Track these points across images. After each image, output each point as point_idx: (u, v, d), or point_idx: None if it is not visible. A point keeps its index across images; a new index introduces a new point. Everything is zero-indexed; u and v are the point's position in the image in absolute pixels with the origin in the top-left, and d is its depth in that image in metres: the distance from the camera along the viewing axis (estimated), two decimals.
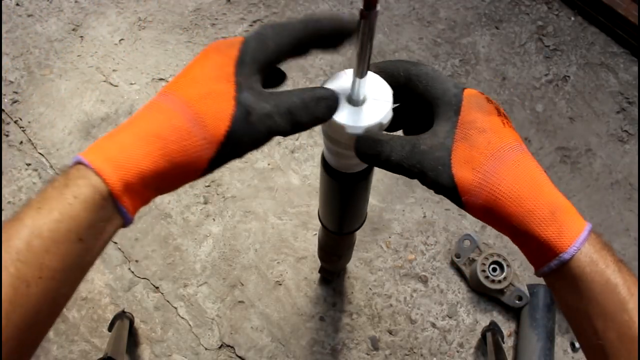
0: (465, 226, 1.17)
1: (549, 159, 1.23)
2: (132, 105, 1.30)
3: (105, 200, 0.32)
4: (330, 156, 0.51)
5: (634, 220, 1.17)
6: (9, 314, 0.28)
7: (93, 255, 0.33)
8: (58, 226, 0.30)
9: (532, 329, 1.02)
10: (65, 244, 0.30)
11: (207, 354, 1.07)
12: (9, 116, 1.29)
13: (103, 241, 0.33)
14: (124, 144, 0.33)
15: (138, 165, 0.32)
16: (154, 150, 0.33)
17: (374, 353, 1.07)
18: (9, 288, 0.28)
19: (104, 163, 0.32)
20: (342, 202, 0.61)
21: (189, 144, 0.33)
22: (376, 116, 0.40)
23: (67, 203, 0.30)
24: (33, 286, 0.29)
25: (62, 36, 1.39)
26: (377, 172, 1.21)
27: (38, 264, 0.29)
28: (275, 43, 0.36)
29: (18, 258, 0.29)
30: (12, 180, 1.22)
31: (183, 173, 0.35)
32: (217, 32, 1.39)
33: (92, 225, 0.31)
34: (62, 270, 0.30)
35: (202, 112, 0.34)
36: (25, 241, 0.29)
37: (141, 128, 0.33)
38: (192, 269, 1.13)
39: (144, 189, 0.33)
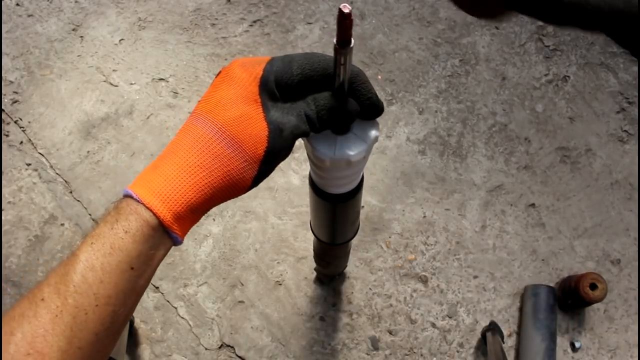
0: (465, 226, 1.17)
1: (549, 159, 1.23)
2: (132, 105, 1.30)
3: (154, 231, 0.35)
4: (319, 180, 0.52)
5: (634, 220, 1.17)
6: (71, 339, 0.32)
7: (146, 278, 0.36)
8: (109, 259, 0.33)
9: (536, 329, 1.02)
10: (117, 273, 0.33)
11: (207, 354, 1.07)
12: (9, 116, 1.29)
13: (154, 265, 0.37)
14: (169, 177, 0.35)
15: (185, 196, 0.35)
16: (199, 180, 0.35)
17: (374, 353, 1.07)
18: (69, 317, 0.32)
19: (153, 197, 0.34)
20: (333, 220, 0.61)
21: (231, 169, 0.36)
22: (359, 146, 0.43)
23: (119, 237, 0.34)
24: (90, 313, 0.33)
25: (62, 36, 1.39)
26: (377, 172, 1.22)
27: (93, 294, 0.33)
28: (300, 67, 0.38)
29: (75, 290, 0.32)
30: (12, 180, 1.22)
31: (228, 194, 0.38)
32: (217, 32, 1.39)
33: (141, 254, 0.35)
34: (116, 296, 0.34)
35: (239, 137, 0.36)
36: (80, 274, 0.33)
37: (183, 158, 0.36)
38: (192, 269, 1.13)
39: (192, 214, 0.37)
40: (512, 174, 1.22)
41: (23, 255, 1.15)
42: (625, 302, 1.11)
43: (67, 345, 0.32)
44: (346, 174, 0.49)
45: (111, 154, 1.25)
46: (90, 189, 1.21)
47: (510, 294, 1.12)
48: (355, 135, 0.43)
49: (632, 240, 1.16)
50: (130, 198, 0.35)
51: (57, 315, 0.32)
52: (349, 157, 0.43)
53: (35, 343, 0.31)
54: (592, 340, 1.08)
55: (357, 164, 0.45)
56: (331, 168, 0.46)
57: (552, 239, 1.16)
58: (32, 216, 1.19)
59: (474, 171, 1.22)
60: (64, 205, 1.20)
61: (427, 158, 1.24)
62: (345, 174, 0.49)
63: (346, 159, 0.43)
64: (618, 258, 1.14)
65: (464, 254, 1.15)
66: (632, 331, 1.08)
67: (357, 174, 0.51)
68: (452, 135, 1.26)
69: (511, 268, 1.14)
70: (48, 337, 0.31)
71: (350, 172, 0.49)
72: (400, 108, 1.29)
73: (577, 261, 1.14)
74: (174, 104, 1.30)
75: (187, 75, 1.34)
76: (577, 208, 1.19)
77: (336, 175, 0.49)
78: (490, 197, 1.20)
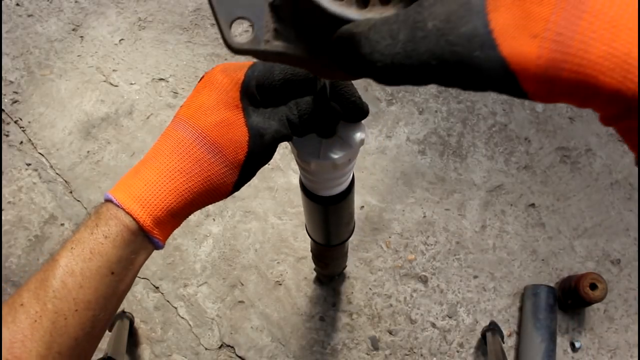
0: (465, 226, 1.17)
1: (549, 159, 1.23)
2: (132, 105, 1.30)
3: (134, 236, 0.35)
4: (308, 183, 0.52)
5: (634, 220, 1.17)
6: (51, 345, 0.32)
7: (126, 282, 0.36)
8: (89, 265, 0.33)
9: (536, 329, 1.02)
10: (97, 278, 0.33)
11: (207, 353, 1.07)
12: (9, 116, 1.29)
13: (135, 270, 0.36)
14: (149, 181, 0.35)
15: (165, 201, 0.35)
16: (179, 185, 0.35)
17: (374, 353, 1.07)
18: (48, 322, 0.32)
19: (133, 202, 0.34)
20: (326, 222, 0.61)
21: (211, 174, 0.36)
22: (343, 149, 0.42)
23: (98, 242, 0.34)
24: (70, 318, 0.33)
25: (62, 36, 1.39)
26: (377, 172, 1.22)
27: (72, 299, 0.33)
28: (281, 71, 0.37)
29: (55, 295, 0.32)
30: (12, 180, 1.22)
31: (209, 199, 0.37)
32: (217, 32, 1.39)
33: (121, 259, 0.34)
34: (96, 301, 0.34)
35: (219, 142, 0.36)
36: (60, 280, 0.33)
37: (163, 163, 0.36)
38: (192, 269, 1.13)
39: (173, 218, 0.36)
40: (512, 174, 1.22)
41: (23, 255, 1.15)
42: (625, 302, 1.11)
43: (46, 350, 0.32)
44: (333, 176, 0.48)
45: (111, 154, 1.25)
46: (90, 189, 1.21)
47: (510, 294, 1.12)
48: (340, 138, 0.43)
49: (632, 240, 1.16)
50: (111, 203, 0.35)
51: (36, 321, 0.32)
52: (333, 160, 0.42)
53: (13, 349, 0.31)
54: (592, 340, 1.08)
55: (343, 167, 0.45)
56: (317, 171, 0.46)
57: (552, 239, 1.16)
58: (32, 216, 1.19)
59: (474, 171, 1.22)
60: (64, 205, 1.20)
61: (427, 158, 1.24)
62: (332, 177, 0.48)
63: (331, 162, 0.42)
64: (618, 258, 1.14)
65: (464, 254, 1.15)
66: (632, 331, 1.08)
67: (345, 176, 0.50)
68: (452, 135, 1.26)
69: (511, 268, 1.14)
70: (27, 342, 0.31)
71: (338, 175, 0.48)
72: (400, 108, 1.29)
73: (577, 261, 1.14)
74: (174, 104, 1.30)
75: (187, 75, 1.34)
76: (577, 208, 1.19)
77: (324, 177, 0.48)
78: (490, 197, 1.20)
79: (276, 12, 0.28)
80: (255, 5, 0.28)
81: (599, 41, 0.19)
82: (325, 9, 0.24)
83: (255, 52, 0.28)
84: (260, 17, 0.28)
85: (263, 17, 0.28)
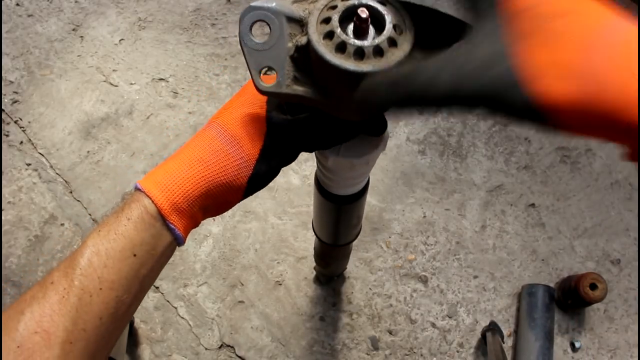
0: (465, 226, 1.17)
1: (549, 159, 1.23)
2: (132, 105, 1.30)
3: (154, 219, 0.36)
4: (324, 179, 0.52)
5: (634, 220, 1.17)
6: (76, 320, 0.34)
7: (148, 268, 0.37)
8: (113, 245, 0.35)
9: (530, 329, 1.02)
10: (120, 259, 0.35)
11: (207, 354, 1.07)
12: (9, 116, 1.29)
13: (157, 256, 0.38)
14: (170, 170, 0.38)
15: (182, 187, 0.37)
16: (196, 173, 0.37)
17: (374, 353, 1.07)
18: (74, 299, 0.34)
19: (153, 186, 0.37)
20: (336, 221, 0.61)
21: (227, 164, 0.38)
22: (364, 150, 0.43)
23: (122, 225, 0.36)
24: (95, 296, 0.34)
25: (62, 36, 1.39)
26: (376, 172, 1.22)
27: (97, 277, 0.35)
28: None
29: (81, 273, 0.35)
30: (12, 180, 1.22)
31: (225, 192, 0.39)
32: (217, 32, 1.39)
33: (143, 242, 0.36)
34: (119, 281, 0.35)
35: (237, 134, 0.38)
36: (87, 259, 0.35)
37: (186, 154, 0.38)
38: (192, 269, 1.13)
39: (191, 208, 0.37)
40: (512, 174, 1.22)
41: (23, 255, 1.15)
42: (625, 302, 1.11)
43: (72, 325, 0.33)
44: (351, 175, 0.48)
45: (111, 154, 1.25)
46: (90, 189, 1.21)
47: (510, 294, 1.12)
48: (362, 139, 0.43)
49: (632, 240, 1.16)
50: (137, 190, 0.37)
51: (63, 297, 0.34)
52: (352, 160, 0.43)
53: (42, 322, 0.33)
54: (592, 340, 1.08)
55: (360, 168, 0.45)
56: (334, 168, 0.46)
57: (552, 239, 1.16)
58: (32, 216, 1.19)
59: (474, 171, 1.22)
60: (64, 205, 1.20)
61: (427, 158, 1.24)
62: (350, 176, 0.48)
63: (350, 161, 0.43)
64: (618, 258, 1.14)
65: (464, 254, 1.15)
66: (632, 331, 1.08)
67: (362, 176, 0.50)
68: (452, 135, 1.26)
69: (511, 268, 1.14)
70: (55, 317, 0.33)
71: (356, 175, 0.48)
72: None
73: (577, 261, 1.14)
74: (174, 104, 1.30)
75: (187, 75, 1.34)
76: (577, 208, 1.19)
77: (341, 176, 0.49)
78: (490, 197, 1.20)
79: (295, 63, 0.35)
80: (279, 56, 0.35)
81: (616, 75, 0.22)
82: (328, 61, 0.31)
83: (278, 95, 0.35)
84: (283, 66, 0.35)
85: (285, 66, 0.35)
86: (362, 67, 0.31)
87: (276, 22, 0.34)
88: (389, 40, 0.31)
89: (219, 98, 1.31)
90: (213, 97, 1.31)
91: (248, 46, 0.35)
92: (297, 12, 0.34)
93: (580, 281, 1.00)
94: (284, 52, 0.35)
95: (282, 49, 0.35)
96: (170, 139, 1.26)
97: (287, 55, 0.35)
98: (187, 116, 1.29)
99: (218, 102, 1.31)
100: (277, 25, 0.34)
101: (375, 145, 0.43)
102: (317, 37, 0.32)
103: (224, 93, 1.32)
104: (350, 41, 0.31)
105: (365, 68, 0.31)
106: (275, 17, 0.34)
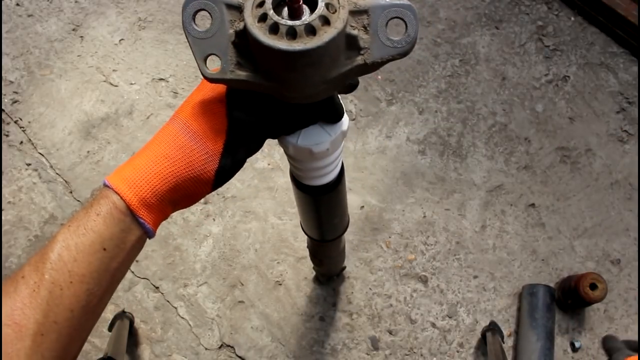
0: (465, 226, 1.17)
1: (549, 159, 1.23)
2: (132, 105, 1.30)
3: (123, 215, 0.37)
4: (294, 170, 0.52)
5: (634, 220, 1.17)
6: (47, 313, 0.34)
7: (119, 261, 0.38)
8: (82, 240, 0.36)
9: (532, 328, 1.02)
10: (90, 253, 0.36)
11: (207, 353, 1.07)
12: (9, 116, 1.29)
13: (127, 250, 0.38)
14: (138, 166, 0.39)
15: (150, 182, 0.38)
16: (163, 169, 0.38)
17: (374, 353, 1.07)
18: (45, 292, 0.35)
19: (121, 183, 0.37)
20: (318, 213, 0.61)
21: (193, 159, 0.39)
22: (322, 137, 0.44)
23: (91, 220, 0.37)
24: (65, 289, 0.35)
25: (62, 36, 1.39)
26: (377, 172, 1.22)
27: (67, 271, 0.35)
28: None
29: (52, 267, 0.35)
30: (12, 180, 1.22)
31: (193, 186, 0.40)
32: None
33: (113, 236, 0.37)
34: (89, 275, 0.36)
35: (201, 130, 0.39)
36: (57, 253, 0.36)
37: (152, 150, 0.39)
38: (192, 269, 1.13)
39: (160, 202, 0.39)
40: (512, 174, 1.22)
41: (23, 255, 1.15)
42: (625, 302, 1.11)
43: (43, 318, 0.34)
44: (316, 165, 0.49)
45: (111, 154, 1.25)
46: (90, 189, 1.21)
47: (510, 294, 1.12)
48: (321, 127, 0.44)
49: (632, 240, 1.16)
50: (105, 186, 0.38)
51: (34, 290, 0.35)
52: (310, 147, 0.43)
53: (13, 315, 0.34)
54: (592, 340, 1.08)
55: (322, 155, 0.45)
56: (296, 157, 0.47)
57: (552, 239, 1.16)
58: (32, 216, 1.19)
59: (474, 171, 1.22)
60: (64, 205, 1.20)
61: (427, 158, 1.24)
62: (315, 166, 0.49)
63: (308, 148, 0.43)
64: (618, 258, 1.14)
65: (464, 254, 1.15)
66: (632, 331, 1.08)
67: (330, 166, 0.51)
68: (452, 135, 1.26)
69: (511, 268, 1.14)
70: (26, 310, 0.34)
71: (321, 164, 0.49)
72: (400, 108, 1.29)
73: (577, 261, 1.14)
74: (174, 104, 1.30)
75: (187, 75, 1.34)
76: (577, 208, 1.19)
77: (306, 166, 0.49)
78: (490, 197, 1.20)
79: (237, 48, 0.36)
80: (222, 43, 0.36)
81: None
82: (262, 42, 0.32)
83: (223, 81, 0.36)
84: (226, 53, 0.36)
85: (228, 53, 0.36)
86: (294, 46, 0.31)
87: (216, 10, 0.36)
88: (321, 19, 0.32)
89: None
90: None
91: (192, 35, 0.36)
92: None
93: (580, 281, 1.00)
94: (225, 38, 0.35)
95: (224, 36, 0.35)
96: None
97: (229, 41, 0.35)
98: None
99: None
100: (217, 13, 0.36)
101: (332, 132, 0.44)
102: (252, 21, 0.33)
103: None
104: (282, 22, 0.32)
105: (298, 47, 0.31)
106: (214, 5, 0.35)
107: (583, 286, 1.00)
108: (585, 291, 0.99)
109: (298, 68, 0.33)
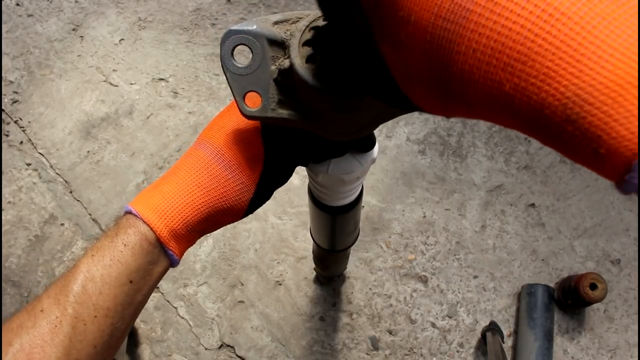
0: (465, 226, 1.17)
1: (549, 159, 1.23)
2: (132, 105, 1.30)
3: (152, 246, 0.35)
4: (317, 192, 0.52)
5: (634, 220, 1.17)
6: (70, 350, 0.32)
7: (144, 293, 0.36)
8: (109, 271, 0.34)
9: (530, 328, 1.02)
10: (116, 286, 0.34)
11: (207, 353, 1.07)
12: (9, 116, 1.29)
13: (152, 281, 0.37)
14: (168, 194, 0.36)
15: (182, 213, 0.36)
16: (196, 199, 0.36)
17: (374, 353, 1.07)
18: (68, 327, 0.32)
19: (151, 213, 0.35)
20: (332, 229, 0.61)
21: (227, 190, 0.37)
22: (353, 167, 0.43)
23: (118, 250, 0.34)
24: (89, 324, 0.33)
25: (62, 36, 1.39)
26: (377, 172, 1.22)
27: (92, 304, 0.33)
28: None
29: (75, 300, 0.33)
30: (12, 180, 1.22)
31: (225, 216, 0.38)
32: (217, 32, 1.39)
33: (140, 268, 0.35)
34: (114, 308, 0.34)
35: (236, 160, 0.37)
36: (81, 285, 0.33)
37: (182, 178, 0.37)
38: (192, 269, 1.13)
39: (189, 233, 0.37)
40: (512, 174, 1.22)
41: (23, 255, 1.15)
42: (625, 302, 1.11)
43: (65, 356, 0.32)
44: (342, 190, 0.48)
45: (111, 154, 1.25)
46: (90, 189, 1.21)
47: (510, 294, 1.12)
48: (351, 156, 0.43)
49: (632, 240, 1.16)
50: (130, 214, 0.36)
51: (56, 326, 0.32)
52: (341, 176, 0.43)
53: (32, 354, 0.31)
54: (592, 340, 1.08)
55: (351, 182, 0.45)
56: (325, 184, 0.46)
57: (552, 239, 1.16)
58: (32, 216, 1.19)
59: (474, 171, 1.22)
60: (64, 205, 1.20)
61: (427, 158, 1.24)
62: (341, 190, 0.48)
63: (339, 177, 0.43)
64: (618, 258, 1.14)
65: (464, 253, 1.15)
66: (632, 331, 1.08)
67: (354, 190, 0.50)
68: (452, 135, 1.26)
69: (511, 268, 1.14)
70: (46, 347, 0.31)
71: (347, 189, 0.48)
72: None
73: (577, 261, 1.14)
74: (174, 104, 1.30)
75: (187, 75, 1.34)
76: (577, 208, 1.19)
77: (333, 190, 0.49)
78: (490, 197, 1.20)
79: (279, 86, 0.34)
80: (263, 80, 0.34)
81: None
82: (313, 85, 0.30)
83: (263, 118, 0.34)
84: (267, 90, 0.34)
85: (269, 90, 0.34)
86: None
87: (257, 45, 0.33)
88: None
89: (219, 98, 1.31)
90: (213, 97, 1.31)
91: (230, 71, 0.33)
92: (278, 35, 0.33)
93: (580, 281, 1.00)
94: (267, 75, 0.33)
95: (265, 73, 0.33)
96: (170, 139, 1.26)
97: (270, 78, 0.33)
98: (187, 116, 1.29)
99: (218, 102, 1.31)
100: (258, 49, 0.33)
101: (364, 161, 0.43)
102: (300, 62, 0.31)
103: (224, 93, 1.32)
104: None
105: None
106: (256, 40, 0.33)
107: (583, 286, 1.00)
108: (585, 291, 0.99)
109: (348, 111, 0.31)
